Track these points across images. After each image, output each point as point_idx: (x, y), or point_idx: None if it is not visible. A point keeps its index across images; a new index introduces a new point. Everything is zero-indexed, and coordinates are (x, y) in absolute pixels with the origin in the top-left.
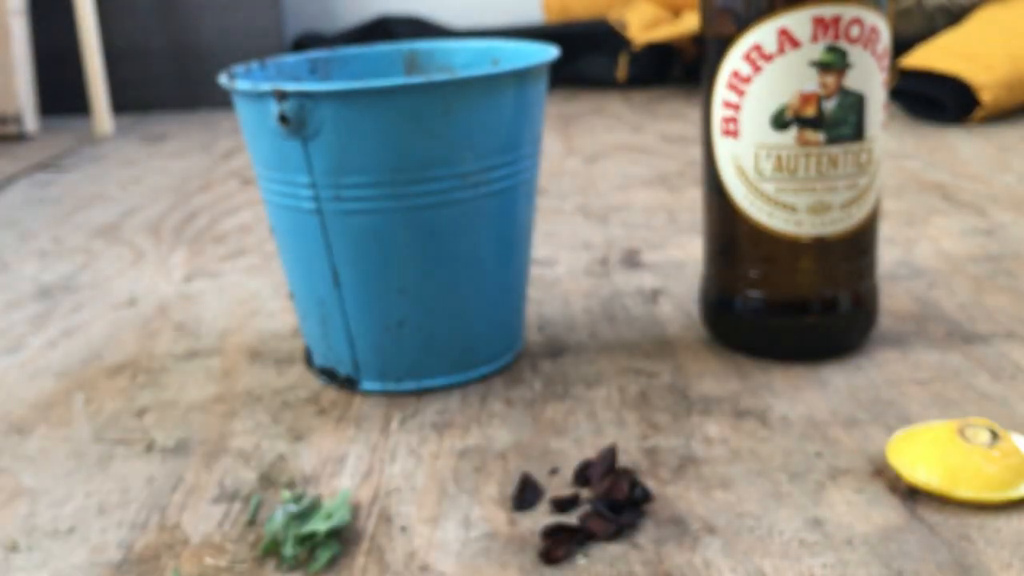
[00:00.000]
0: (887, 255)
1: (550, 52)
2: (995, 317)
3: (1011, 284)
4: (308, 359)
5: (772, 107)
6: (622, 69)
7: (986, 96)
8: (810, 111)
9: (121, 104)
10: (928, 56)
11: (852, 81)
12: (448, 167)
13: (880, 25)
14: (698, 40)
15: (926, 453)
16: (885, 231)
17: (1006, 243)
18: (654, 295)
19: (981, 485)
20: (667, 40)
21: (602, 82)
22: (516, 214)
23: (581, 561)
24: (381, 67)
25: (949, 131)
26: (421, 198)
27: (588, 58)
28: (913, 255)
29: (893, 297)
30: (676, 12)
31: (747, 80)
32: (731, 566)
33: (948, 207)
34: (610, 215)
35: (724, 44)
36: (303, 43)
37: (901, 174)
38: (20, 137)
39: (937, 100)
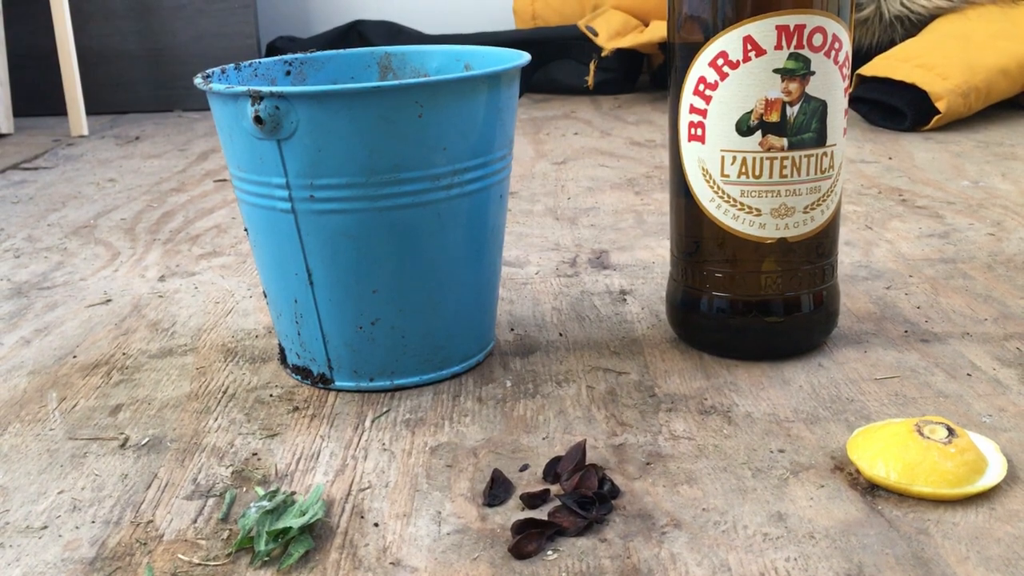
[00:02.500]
0: (847, 257)
1: (522, 57)
2: (951, 318)
3: (966, 286)
4: (282, 357)
5: (737, 113)
6: (592, 75)
7: (941, 105)
8: (774, 117)
9: (96, 106)
10: (887, 65)
11: (815, 88)
12: (420, 169)
13: (842, 35)
14: (665, 47)
15: (885, 449)
16: (845, 234)
17: (961, 246)
18: (622, 295)
19: (938, 480)
20: (636, 47)
21: (572, 88)
22: (487, 216)
23: (551, 555)
24: (356, 70)
25: (905, 137)
26: (394, 199)
27: (558, 64)
28: (872, 257)
29: (853, 298)
30: (645, 20)
31: (713, 86)
32: (697, 560)
33: (905, 211)
34: (579, 217)
35: (691, 51)
36: (277, 47)
37: (860, 178)
38: None
39: (895, 107)
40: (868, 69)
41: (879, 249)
